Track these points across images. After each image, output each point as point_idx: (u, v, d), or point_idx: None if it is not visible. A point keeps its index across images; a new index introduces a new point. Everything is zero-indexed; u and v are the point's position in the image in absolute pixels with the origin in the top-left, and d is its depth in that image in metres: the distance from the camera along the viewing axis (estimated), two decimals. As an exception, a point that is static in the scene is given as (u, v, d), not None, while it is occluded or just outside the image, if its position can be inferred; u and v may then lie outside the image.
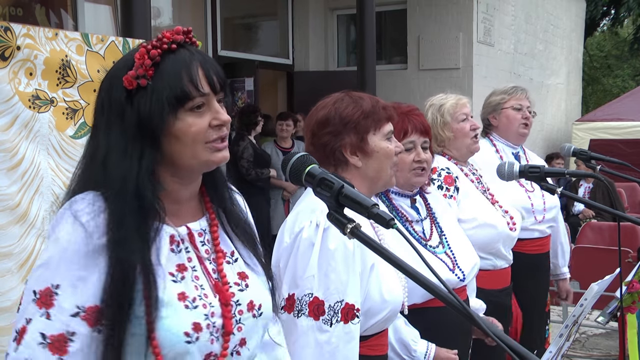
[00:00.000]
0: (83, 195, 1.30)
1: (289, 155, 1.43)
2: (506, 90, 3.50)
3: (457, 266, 2.38)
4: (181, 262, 1.35)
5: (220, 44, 7.85)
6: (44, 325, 1.23)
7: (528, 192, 3.36)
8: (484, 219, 2.91)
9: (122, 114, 1.31)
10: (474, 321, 1.13)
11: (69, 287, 1.24)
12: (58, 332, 1.22)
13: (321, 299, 1.76)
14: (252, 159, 6.70)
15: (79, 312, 1.23)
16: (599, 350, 5.64)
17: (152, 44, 1.32)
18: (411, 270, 1.21)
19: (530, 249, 3.34)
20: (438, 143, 2.98)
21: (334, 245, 1.77)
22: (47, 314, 1.23)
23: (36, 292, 1.25)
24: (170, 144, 1.32)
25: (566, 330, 2.11)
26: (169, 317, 1.27)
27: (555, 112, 11.77)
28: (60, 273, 1.24)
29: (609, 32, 22.93)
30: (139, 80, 1.30)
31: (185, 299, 1.30)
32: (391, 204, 2.38)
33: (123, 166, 1.29)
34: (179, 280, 1.32)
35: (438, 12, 8.48)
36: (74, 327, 1.23)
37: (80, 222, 1.26)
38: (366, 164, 1.98)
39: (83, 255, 1.25)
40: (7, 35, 2.26)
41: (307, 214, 1.85)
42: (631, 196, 9.14)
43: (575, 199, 2.56)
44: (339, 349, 1.75)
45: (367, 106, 1.97)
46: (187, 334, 1.27)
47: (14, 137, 2.30)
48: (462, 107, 3.01)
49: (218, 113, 1.35)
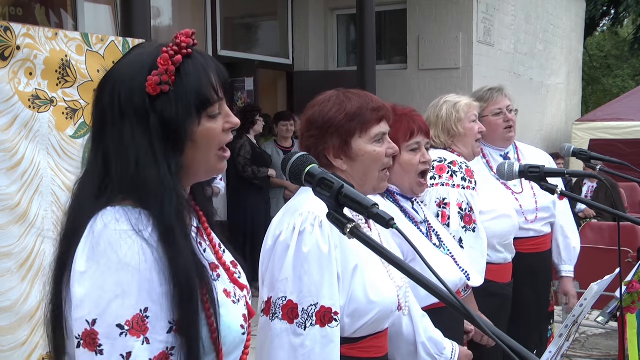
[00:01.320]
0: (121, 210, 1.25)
1: (289, 155, 1.43)
2: (482, 97, 3.43)
3: (459, 266, 2.41)
4: (211, 261, 1.38)
5: (220, 44, 7.85)
6: (148, 352, 1.21)
7: (515, 194, 3.36)
8: (503, 210, 3.06)
9: (146, 121, 1.29)
10: (475, 322, 1.13)
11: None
12: (159, 352, 1.22)
13: (295, 302, 1.75)
14: (249, 157, 6.71)
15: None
16: (599, 350, 5.64)
17: (173, 49, 1.30)
18: (411, 270, 1.21)
19: (527, 247, 3.34)
20: (449, 137, 3.04)
21: (308, 248, 1.75)
22: (147, 340, 1.20)
23: (123, 325, 1.19)
24: (189, 150, 1.32)
25: (566, 330, 2.11)
26: (227, 315, 1.32)
27: (555, 112, 11.78)
28: (144, 297, 1.21)
29: (609, 32, 22.94)
30: (162, 86, 1.29)
31: (230, 295, 1.36)
32: (399, 204, 2.39)
33: (159, 174, 1.27)
34: (217, 279, 1.36)
35: (438, 12, 8.48)
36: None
37: (145, 240, 1.23)
38: (351, 168, 1.93)
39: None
40: (7, 35, 2.26)
41: (288, 217, 1.84)
42: (631, 196, 9.14)
43: (575, 198, 2.54)
44: (315, 353, 1.73)
45: (353, 108, 1.91)
46: (242, 326, 1.35)
47: (13, 136, 2.30)
48: (474, 109, 3.09)
49: (229, 117, 1.36)
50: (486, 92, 3.46)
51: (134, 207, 1.26)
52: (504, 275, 3.08)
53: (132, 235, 1.22)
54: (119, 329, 1.19)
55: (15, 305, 2.34)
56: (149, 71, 1.29)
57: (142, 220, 1.24)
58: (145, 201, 1.26)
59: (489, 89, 3.48)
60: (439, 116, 3.04)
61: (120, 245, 1.21)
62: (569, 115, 12.34)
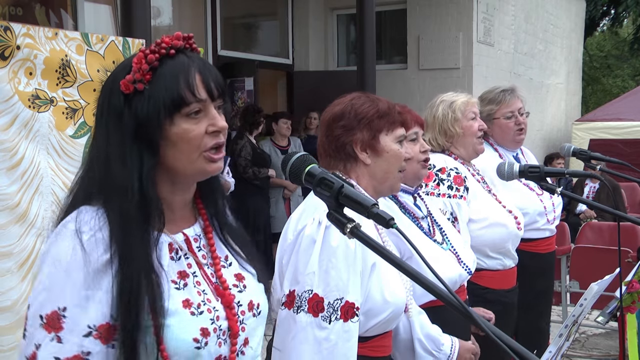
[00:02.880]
0: (82, 211, 1.29)
1: (289, 154, 1.43)
2: (494, 99, 3.40)
3: (462, 261, 2.41)
4: (182, 269, 1.35)
5: (220, 44, 7.85)
6: (56, 350, 1.21)
7: (539, 196, 3.34)
8: (495, 219, 2.93)
9: (120, 119, 1.31)
10: (474, 320, 1.13)
11: (76, 308, 1.22)
12: (73, 354, 1.22)
13: (321, 296, 1.77)
14: (250, 158, 6.71)
15: (91, 331, 1.23)
16: (599, 350, 5.64)
17: (150, 48, 1.32)
18: (411, 270, 1.21)
19: (543, 248, 3.35)
20: (447, 139, 3.00)
21: (336, 243, 1.78)
22: (58, 338, 1.22)
23: (42, 317, 1.22)
24: (167, 150, 1.32)
25: (566, 330, 2.11)
26: (176, 325, 1.27)
27: (555, 112, 11.78)
28: (65, 295, 1.22)
29: (609, 32, 22.93)
30: (136, 84, 1.30)
31: (190, 306, 1.31)
32: (398, 201, 2.40)
33: (124, 174, 1.29)
34: (181, 288, 1.32)
35: (438, 12, 8.47)
36: (89, 347, 1.22)
37: (80, 242, 1.24)
38: (375, 163, 2.01)
39: (86, 275, 1.23)
40: (7, 35, 2.26)
41: (310, 212, 1.87)
42: (631, 196, 9.13)
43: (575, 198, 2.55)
44: (338, 347, 1.75)
45: (383, 107, 2.02)
46: (196, 339, 1.29)
47: (13, 136, 2.30)
48: (472, 106, 3.02)
49: (215, 119, 1.34)
50: (498, 93, 3.41)
51: (99, 207, 1.28)
52: (503, 282, 2.99)
53: (71, 235, 1.25)
54: (39, 319, 1.23)
55: (15, 305, 2.34)
56: (128, 72, 1.32)
57: (96, 219, 1.27)
58: (108, 199, 1.29)
59: (502, 90, 3.43)
60: (436, 117, 3.00)
61: (60, 243, 1.26)
62: (568, 115, 12.34)
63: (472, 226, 2.81)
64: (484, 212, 2.91)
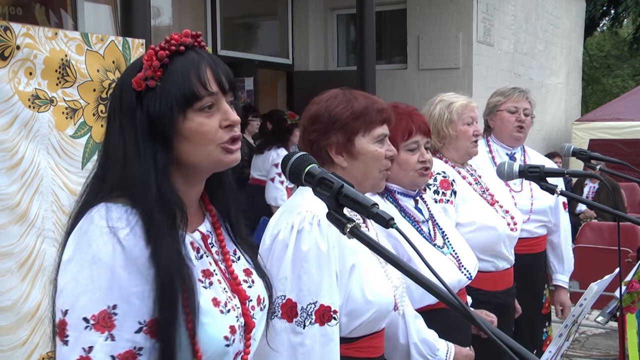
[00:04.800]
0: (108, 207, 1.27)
1: (289, 154, 1.43)
2: (503, 92, 3.46)
3: (462, 266, 2.40)
4: (205, 267, 1.36)
5: (220, 44, 7.85)
6: (111, 348, 1.21)
7: (513, 191, 3.34)
8: (482, 222, 2.91)
9: (133, 117, 1.31)
10: (475, 322, 1.13)
11: (126, 305, 1.22)
12: (125, 350, 1.22)
13: (294, 301, 1.76)
14: (247, 159, 6.73)
15: (141, 327, 1.23)
16: (599, 350, 5.64)
17: (160, 45, 1.32)
18: (411, 270, 1.21)
19: (520, 249, 3.31)
20: (439, 139, 2.99)
21: (307, 247, 1.76)
22: (111, 336, 1.21)
23: (89, 319, 1.21)
24: (181, 145, 1.32)
25: (566, 330, 2.11)
26: (210, 324, 1.29)
27: (555, 112, 11.78)
28: (113, 294, 1.22)
29: (609, 32, 22.93)
30: (148, 81, 1.30)
31: (219, 304, 1.33)
32: (398, 204, 2.39)
33: (140, 171, 1.29)
34: (208, 287, 1.34)
35: (438, 12, 8.47)
36: (140, 342, 1.23)
37: (119, 238, 1.23)
38: (352, 165, 1.94)
39: (131, 271, 1.23)
40: (6, 35, 2.26)
41: (286, 216, 1.85)
42: (631, 196, 9.13)
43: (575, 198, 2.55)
44: (315, 351, 1.74)
45: (359, 107, 1.93)
46: (227, 337, 1.31)
47: (13, 136, 2.30)
48: (470, 111, 3.01)
49: (227, 113, 1.34)
50: (510, 89, 3.48)
51: (125, 204, 1.28)
52: (496, 283, 2.96)
53: (107, 233, 1.23)
54: (84, 322, 1.20)
55: (15, 305, 2.34)
56: (139, 69, 1.32)
57: (127, 217, 1.26)
58: (131, 197, 1.28)
59: (514, 88, 3.49)
60: (432, 115, 2.99)
61: (97, 241, 1.23)
62: (568, 115, 12.34)
63: (460, 230, 2.79)
64: (471, 215, 2.89)
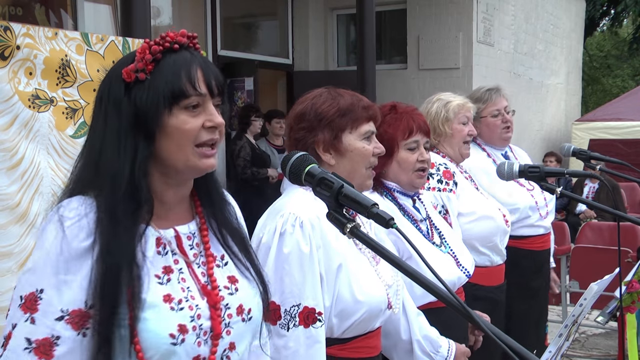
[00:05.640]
0: (72, 199, 1.31)
1: (289, 154, 1.43)
2: (480, 97, 3.45)
3: (460, 264, 2.41)
4: (167, 264, 1.35)
5: (220, 44, 7.85)
6: (29, 330, 1.23)
7: (529, 191, 3.38)
8: (483, 212, 2.96)
9: (119, 107, 1.32)
10: (474, 320, 1.13)
11: (53, 290, 1.24)
12: (43, 337, 1.22)
13: (277, 304, 1.75)
14: (249, 158, 6.70)
15: (63, 315, 1.23)
16: (599, 350, 5.64)
17: (155, 41, 1.34)
18: (410, 269, 1.21)
19: (537, 245, 3.36)
20: (435, 136, 3.02)
21: (288, 249, 1.76)
22: (32, 319, 1.23)
23: (22, 297, 1.25)
24: (162, 141, 1.33)
25: (566, 330, 2.11)
26: (153, 319, 1.27)
27: (555, 112, 11.77)
28: (44, 277, 1.24)
29: (609, 32, 22.93)
30: (138, 73, 1.32)
31: (171, 301, 1.30)
32: (397, 203, 2.39)
33: (116, 162, 1.30)
34: (164, 283, 1.32)
35: (438, 12, 8.47)
36: (59, 331, 1.23)
37: (62, 227, 1.26)
38: (339, 163, 1.94)
39: (65, 259, 1.25)
40: (6, 35, 2.26)
41: (271, 219, 1.85)
42: (631, 196, 9.14)
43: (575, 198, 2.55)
44: (299, 354, 1.74)
45: (345, 104, 1.94)
46: (173, 335, 1.27)
47: (13, 136, 2.30)
48: (467, 111, 3.05)
49: (212, 115, 1.35)
50: (484, 92, 3.47)
51: (89, 195, 1.30)
52: (491, 278, 3.01)
53: (56, 222, 1.28)
54: (19, 299, 1.26)
55: (15, 305, 2.34)
56: (131, 61, 1.34)
57: (79, 208, 1.28)
58: (99, 185, 1.30)
59: (487, 90, 3.49)
60: (429, 112, 3.03)
61: (47, 228, 1.29)
62: (568, 115, 12.34)
63: (461, 220, 2.85)
64: (472, 205, 2.94)
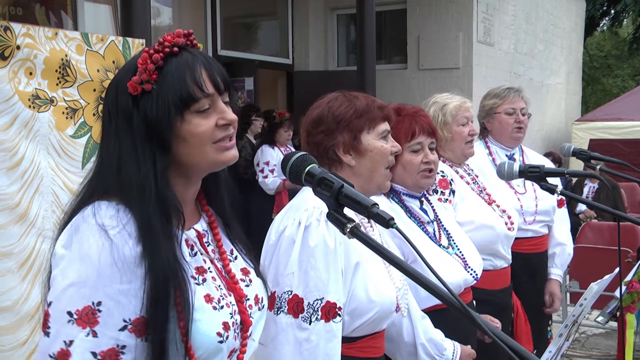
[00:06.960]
0: (100, 205, 1.29)
1: (289, 154, 1.43)
2: (498, 94, 3.46)
3: (468, 266, 2.41)
4: (199, 264, 1.37)
5: (220, 44, 7.85)
6: (92, 344, 1.22)
7: (518, 194, 3.37)
8: (481, 221, 2.92)
9: (129, 120, 1.32)
10: (475, 322, 1.13)
11: (111, 302, 1.23)
12: (108, 347, 1.22)
13: (300, 297, 1.76)
14: (250, 159, 6.71)
15: (126, 325, 1.23)
16: (599, 350, 5.65)
17: (154, 48, 1.33)
18: (413, 271, 1.21)
19: (525, 247, 3.33)
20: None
21: (314, 243, 1.77)
22: (94, 332, 1.22)
23: (72, 313, 1.22)
24: (178, 147, 1.33)
25: (566, 330, 2.11)
26: (202, 320, 1.29)
27: (555, 112, 11.77)
28: (99, 290, 1.22)
29: (609, 32, 22.93)
30: (143, 85, 1.31)
31: (212, 301, 1.33)
32: (404, 205, 2.39)
33: (139, 172, 1.29)
34: (201, 283, 1.34)
35: (438, 12, 8.48)
36: (124, 340, 1.23)
37: (107, 235, 1.24)
38: (359, 163, 1.96)
39: (119, 269, 1.23)
40: (6, 35, 2.26)
41: (293, 212, 1.86)
42: (631, 196, 9.13)
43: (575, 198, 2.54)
44: (319, 347, 1.74)
45: (361, 105, 1.97)
46: (219, 334, 1.32)
47: (13, 136, 2.30)
48: (465, 111, 3.01)
49: (224, 112, 1.36)
50: (504, 90, 3.48)
51: (118, 203, 1.29)
52: (494, 282, 2.98)
53: (97, 230, 1.25)
54: (68, 315, 1.22)
55: (16, 305, 2.35)
56: (134, 72, 1.32)
57: (118, 216, 1.27)
58: (127, 198, 1.29)
59: (508, 88, 3.49)
60: None
61: (87, 238, 1.25)
62: (568, 115, 12.34)
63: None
64: (470, 214, 2.90)
